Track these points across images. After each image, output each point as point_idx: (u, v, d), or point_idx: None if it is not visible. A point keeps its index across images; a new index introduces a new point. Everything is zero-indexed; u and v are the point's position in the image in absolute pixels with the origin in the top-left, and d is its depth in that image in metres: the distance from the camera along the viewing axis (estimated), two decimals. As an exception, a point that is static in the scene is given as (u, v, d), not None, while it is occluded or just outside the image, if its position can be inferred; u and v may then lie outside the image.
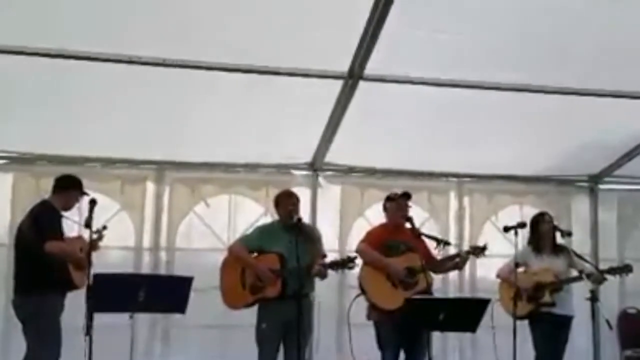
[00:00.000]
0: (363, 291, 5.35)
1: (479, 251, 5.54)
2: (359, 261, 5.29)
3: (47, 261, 4.92)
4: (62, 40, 4.85)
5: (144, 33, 4.85)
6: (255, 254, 5.42)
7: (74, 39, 4.85)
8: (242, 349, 5.69)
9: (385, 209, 5.62)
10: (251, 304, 5.32)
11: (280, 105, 5.79)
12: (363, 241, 5.48)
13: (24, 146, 6.40)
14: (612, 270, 5.71)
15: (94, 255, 5.00)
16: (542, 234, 5.88)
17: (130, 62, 5.06)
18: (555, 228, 5.87)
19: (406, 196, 5.47)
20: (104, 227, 5.34)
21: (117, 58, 5.03)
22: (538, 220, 5.94)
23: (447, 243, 5.49)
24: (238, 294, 5.34)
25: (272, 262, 5.29)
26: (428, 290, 5.18)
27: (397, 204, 5.48)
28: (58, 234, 5.06)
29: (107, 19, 4.68)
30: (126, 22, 4.73)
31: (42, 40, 4.84)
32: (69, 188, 5.24)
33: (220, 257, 5.55)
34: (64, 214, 5.21)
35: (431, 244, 5.49)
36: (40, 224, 5.05)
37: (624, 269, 5.71)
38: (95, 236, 5.18)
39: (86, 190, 5.27)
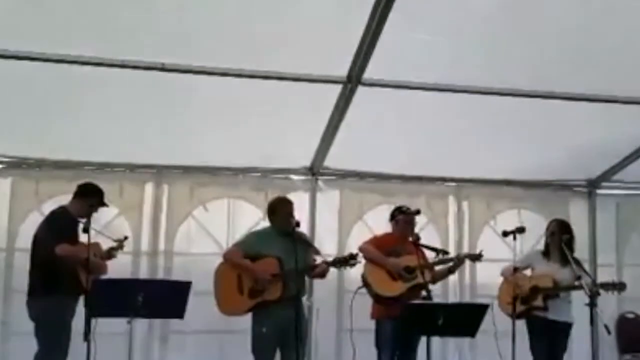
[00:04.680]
0: (366, 284, 5.55)
1: (474, 257, 5.82)
2: (360, 259, 5.44)
3: (58, 264, 4.99)
4: (61, 45, 4.84)
5: (143, 38, 4.85)
6: (248, 260, 5.39)
7: (73, 45, 4.85)
8: (240, 354, 5.67)
9: (393, 218, 5.78)
10: (252, 309, 5.30)
11: (279, 110, 5.78)
12: (367, 242, 5.73)
13: (22, 150, 6.40)
14: (606, 286, 5.65)
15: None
16: (552, 240, 5.88)
17: (129, 66, 5.06)
18: (558, 236, 5.83)
19: (418, 213, 5.70)
20: (125, 238, 5.64)
21: (116, 63, 5.02)
22: (550, 227, 5.96)
23: (445, 252, 5.67)
24: (236, 300, 5.32)
25: (270, 265, 5.29)
26: (425, 286, 5.21)
27: (409, 218, 5.67)
28: (69, 237, 5.09)
29: (108, 24, 4.68)
30: (125, 27, 4.73)
31: (42, 45, 4.83)
32: (86, 195, 5.33)
33: (219, 261, 5.53)
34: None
35: (430, 255, 5.68)
36: (52, 228, 5.18)
37: (617, 286, 5.66)
38: (114, 244, 5.47)
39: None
